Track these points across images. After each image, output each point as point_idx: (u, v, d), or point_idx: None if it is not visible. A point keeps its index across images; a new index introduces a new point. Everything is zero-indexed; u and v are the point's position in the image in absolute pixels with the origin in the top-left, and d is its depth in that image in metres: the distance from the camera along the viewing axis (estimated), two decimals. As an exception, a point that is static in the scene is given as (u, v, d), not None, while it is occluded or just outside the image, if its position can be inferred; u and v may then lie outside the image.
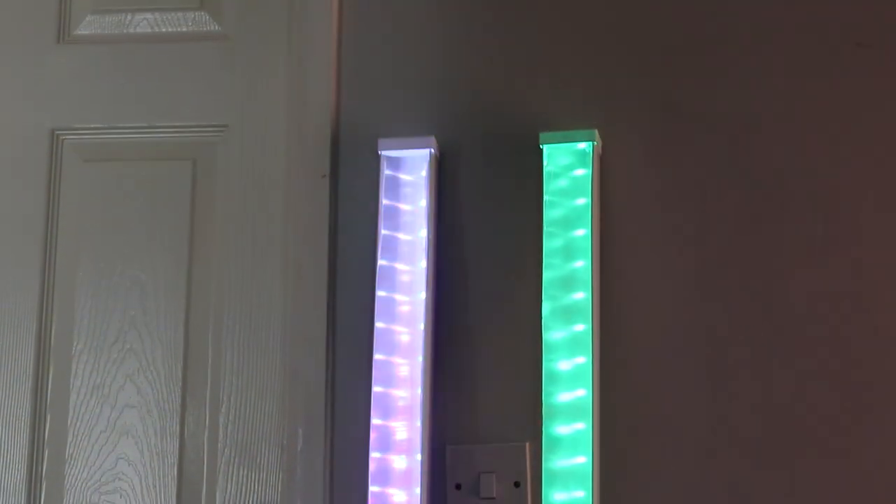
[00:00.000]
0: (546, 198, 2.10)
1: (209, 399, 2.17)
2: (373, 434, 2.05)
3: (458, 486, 2.08)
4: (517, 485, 2.07)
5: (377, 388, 2.07)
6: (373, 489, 2.03)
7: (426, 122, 2.18)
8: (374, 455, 2.05)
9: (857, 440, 2.03)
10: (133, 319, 2.20)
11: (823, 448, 2.03)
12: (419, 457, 2.04)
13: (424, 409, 2.05)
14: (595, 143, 2.10)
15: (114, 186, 2.26)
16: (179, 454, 2.16)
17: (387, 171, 2.15)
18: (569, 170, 2.11)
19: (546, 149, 2.11)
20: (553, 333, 2.05)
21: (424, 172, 2.14)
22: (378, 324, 2.09)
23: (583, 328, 2.05)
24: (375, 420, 2.06)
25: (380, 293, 2.10)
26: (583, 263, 2.07)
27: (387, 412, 2.07)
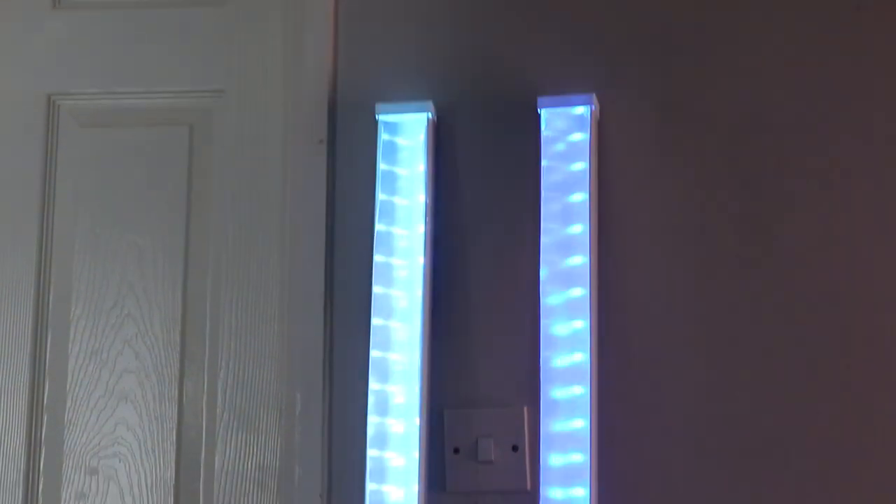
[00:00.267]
0: (544, 162, 2.10)
1: (207, 364, 2.17)
2: (371, 398, 2.05)
3: (457, 450, 2.09)
4: (515, 448, 2.07)
5: (375, 353, 2.07)
6: (371, 453, 2.04)
7: (424, 87, 2.18)
8: (373, 419, 2.05)
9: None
10: (131, 285, 2.21)
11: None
12: (417, 421, 2.04)
13: (423, 374, 2.06)
14: (593, 108, 2.10)
15: (111, 152, 2.26)
16: (178, 419, 2.16)
17: (384, 136, 2.15)
18: (567, 134, 2.11)
19: (544, 113, 2.11)
20: (551, 298, 2.05)
21: (422, 137, 2.14)
22: (376, 288, 2.09)
23: (580, 292, 2.05)
24: (374, 384, 2.06)
25: (378, 258, 2.10)
26: (580, 228, 2.07)
27: (385, 376, 2.07)
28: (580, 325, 2.04)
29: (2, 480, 2.17)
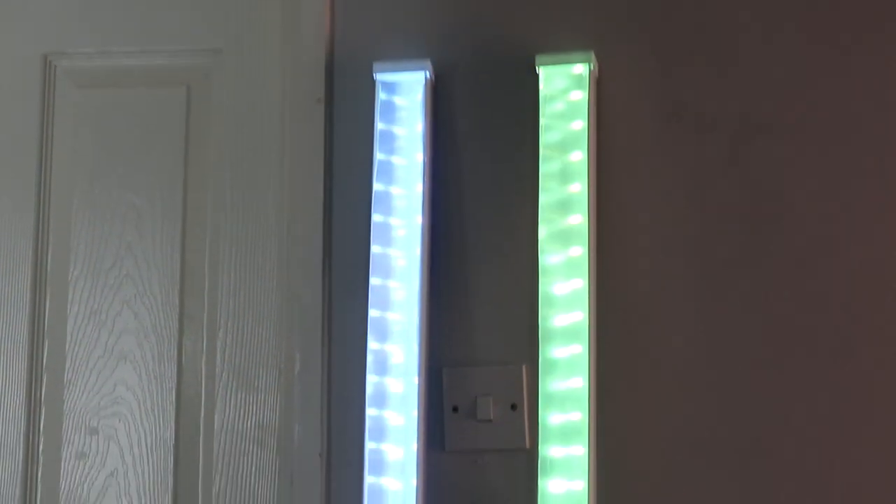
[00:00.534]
0: (542, 121, 2.09)
1: (206, 323, 2.17)
2: (370, 357, 2.06)
3: (455, 409, 2.09)
4: (514, 407, 2.08)
5: (374, 312, 2.07)
6: (370, 412, 2.04)
7: (421, 46, 2.17)
8: (372, 378, 2.05)
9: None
10: (129, 245, 2.20)
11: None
12: (416, 380, 2.05)
13: (421, 333, 2.06)
14: (591, 67, 2.10)
15: (108, 112, 2.25)
16: (178, 378, 2.17)
17: (382, 96, 2.14)
18: (565, 93, 2.10)
19: (542, 71, 2.10)
20: (549, 257, 2.05)
21: (420, 96, 2.13)
22: (374, 248, 2.09)
23: (579, 252, 2.05)
24: (372, 344, 2.06)
25: (376, 218, 2.10)
26: (579, 187, 2.07)
27: (383, 336, 2.07)
28: (579, 285, 2.04)
29: (2, 441, 2.17)
